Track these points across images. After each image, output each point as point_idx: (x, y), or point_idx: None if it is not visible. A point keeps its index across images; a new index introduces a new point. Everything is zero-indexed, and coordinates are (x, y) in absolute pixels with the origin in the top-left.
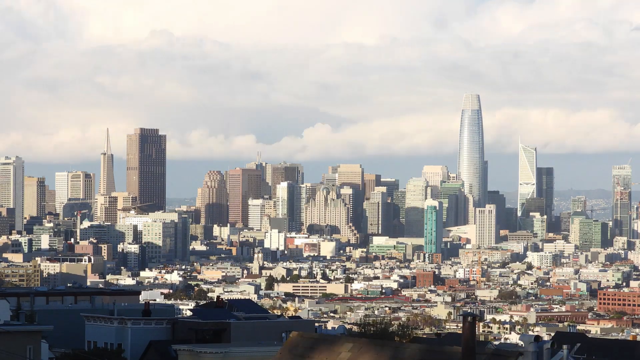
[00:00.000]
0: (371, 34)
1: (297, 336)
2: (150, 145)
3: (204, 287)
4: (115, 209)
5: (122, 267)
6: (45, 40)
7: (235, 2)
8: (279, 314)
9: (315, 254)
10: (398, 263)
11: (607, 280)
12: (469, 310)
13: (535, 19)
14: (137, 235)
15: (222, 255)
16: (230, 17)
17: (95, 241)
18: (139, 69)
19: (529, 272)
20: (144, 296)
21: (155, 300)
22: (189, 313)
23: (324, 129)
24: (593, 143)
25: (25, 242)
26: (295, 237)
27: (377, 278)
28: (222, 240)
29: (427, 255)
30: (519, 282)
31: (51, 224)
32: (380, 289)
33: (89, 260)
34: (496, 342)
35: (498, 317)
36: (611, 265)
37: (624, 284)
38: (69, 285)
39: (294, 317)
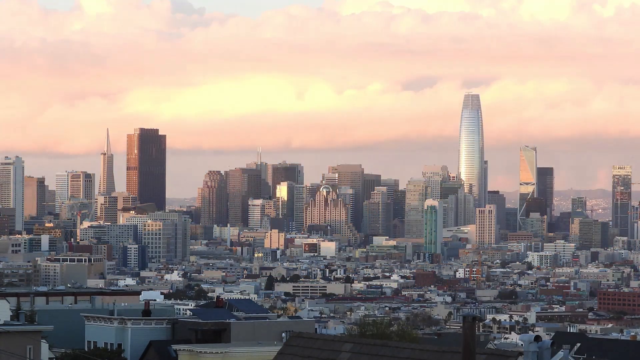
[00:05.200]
0: None
1: (297, 336)
2: (150, 145)
3: (204, 287)
4: (115, 209)
5: (123, 267)
6: None
7: None
8: (279, 314)
9: (315, 254)
10: (398, 263)
11: (607, 280)
12: (469, 310)
13: None
14: (137, 235)
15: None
16: None
17: (95, 241)
18: None
19: (529, 272)
20: (144, 296)
21: (155, 300)
22: (189, 313)
23: None
24: None
25: (25, 242)
26: (295, 237)
27: (377, 278)
28: (223, 240)
29: (427, 255)
30: (519, 282)
31: (51, 224)
32: (380, 289)
33: (89, 260)
34: (496, 342)
35: (498, 317)
36: (611, 265)
37: (624, 284)
38: (69, 285)
39: (294, 317)
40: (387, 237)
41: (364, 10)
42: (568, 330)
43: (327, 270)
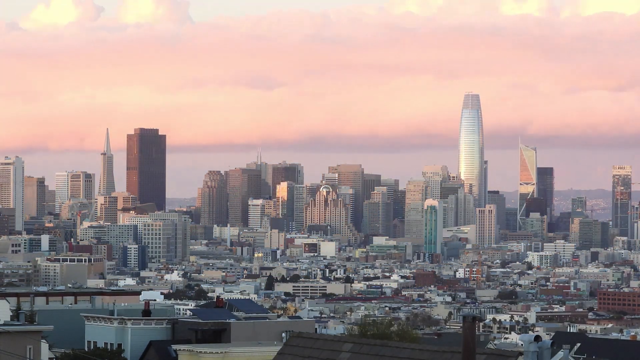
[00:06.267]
0: None
1: (297, 336)
2: (150, 145)
3: (204, 287)
4: (115, 209)
5: (123, 267)
6: None
7: None
8: (279, 314)
9: (315, 254)
10: (398, 263)
11: (607, 280)
12: (469, 310)
13: None
14: (137, 235)
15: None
16: None
17: (95, 241)
18: None
19: (529, 272)
20: (144, 296)
21: (155, 300)
22: (189, 313)
23: None
24: None
25: (25, 242)
26: (295, 237)
27: (377, 278)
28: (223, 240)
29: (427, 255)
30: (519, 282)
31: (51, 224)
32: (380, 289)
33: (89, 260)
34: (496, 342)
35: (498, 317)
36: (611, 265)
37: (624, 284)
38: (69, 285)
39: (294, 317)
40: (387, 237)
41: None
42: (568, 330)
43: (327, 270)
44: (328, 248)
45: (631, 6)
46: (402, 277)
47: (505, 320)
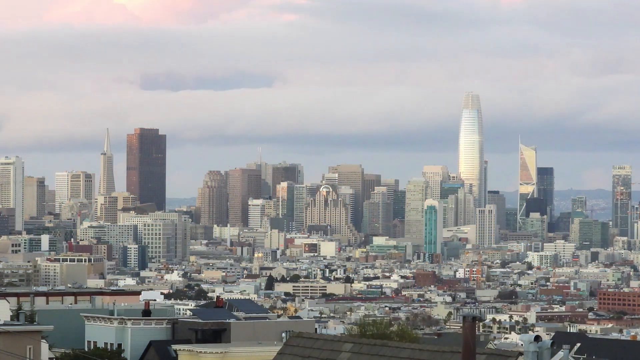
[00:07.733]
0: None
1: (297, 336)
2: (150, 145)
3: (204, 287)
4: (115, 209)
5: (123, 267)
6: None
7: None
8: (279, 314)
9: (315, 254)
10: (398, 263)
11: (607, 280)
12: (469, 310)
13: None
14: (137, 235)
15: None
16: None
17: (95, 241)
18: None
19: (529, 272)
20: (144, 296)
21: (155, 300)
22: (189, 313)
23: None
24: None
25: (25, 242)
26: (295, 237)
27: (377, 278)
28: (223, 240)
29: (427, 255)
30: (519, 282)
31: (51, 224)
32: (380, 289)
33: (89, 260)
34: (496, 342)
35: (498, 317)
36: (611, 265)
37: (624, 284)
38: (69, 285)
39: (294, 317)
40: (387, 237)
41: None
42: (568, 330)
43: (327, 270)
44: (328, 248)
45: None
46: (402, 277)
47: (505, 320)
